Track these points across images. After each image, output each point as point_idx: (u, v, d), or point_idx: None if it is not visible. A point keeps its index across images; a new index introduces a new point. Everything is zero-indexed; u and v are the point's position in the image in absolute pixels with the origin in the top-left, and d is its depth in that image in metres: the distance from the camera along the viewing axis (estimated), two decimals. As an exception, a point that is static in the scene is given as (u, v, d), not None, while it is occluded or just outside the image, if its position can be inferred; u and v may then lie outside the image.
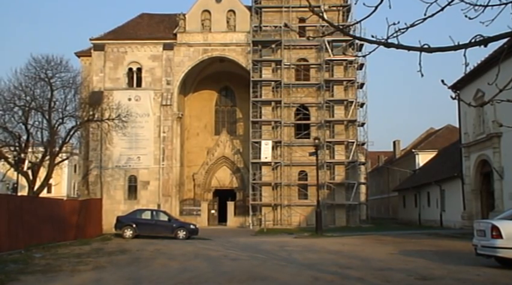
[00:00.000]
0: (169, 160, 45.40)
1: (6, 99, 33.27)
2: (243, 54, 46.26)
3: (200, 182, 50.25)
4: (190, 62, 46.60)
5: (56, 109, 34.23)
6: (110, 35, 47.38)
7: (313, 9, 5.98)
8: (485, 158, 29.04)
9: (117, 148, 44.49)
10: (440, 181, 39.98)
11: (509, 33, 4.61)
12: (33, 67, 34.22)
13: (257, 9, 46.43)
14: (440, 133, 56.96)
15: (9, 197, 24.88)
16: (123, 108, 39.28)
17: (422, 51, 4.78)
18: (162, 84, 46.08)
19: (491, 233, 13.27)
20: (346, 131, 44.92)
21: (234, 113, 52.77)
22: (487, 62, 25.61)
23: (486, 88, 23.80)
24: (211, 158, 50.51)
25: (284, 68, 45.08)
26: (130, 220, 30.39)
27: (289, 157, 44.75)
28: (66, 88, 35.04)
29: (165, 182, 45.13)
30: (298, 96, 45.37)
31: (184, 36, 46.74)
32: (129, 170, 45.36)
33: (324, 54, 44.74)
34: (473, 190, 31.44)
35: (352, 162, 44.19)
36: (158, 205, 43.54)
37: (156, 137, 45.46)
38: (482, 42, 4.58)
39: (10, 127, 33.56)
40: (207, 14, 47.27)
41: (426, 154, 53.82)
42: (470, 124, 31.27)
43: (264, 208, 43.88)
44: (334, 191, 44.02)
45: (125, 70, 46.45)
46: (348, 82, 45.05)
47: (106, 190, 44.66)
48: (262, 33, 45.87)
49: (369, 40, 5.08)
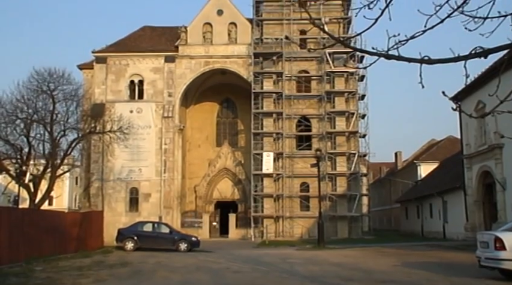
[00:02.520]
0: (170, 172, 45.36)
1: (8, 112, 33.34)
2: (245, 66, 46.39)
3: (202, 194, 50.17)
4: (192, 74, 46.74)
5: (57, 122, 34.29)
6: (112, 48, 47.59)
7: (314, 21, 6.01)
8: (488, 170, 28.96)
9: (119, 160, 44.48)
10: (443, 192, 39.86)
11: (509, 45, 4.62)
12: (35, 80, 34.32)
13: (258, 21, 46.65)
14: (442, 144, 56.91)
15: (11, 210, 24.85)
16: (124, 120, 39.31)
17: (422, 63, 4.79)
18: (164, 96, 46.17)
19: (494, 245, 13.20)
20: (348, 142, 44.90)
21: (235, 125, 52.81)
22: (488, 73, 25.64)
23: (487, 100, 23.81)
24: (213, 170, 50.46)
25: (285, 80, 45.19)
26: (131, 233, 30.30)
27: (290, 168, 44.70)
28: (68, 101, 35.11)
29: (166, 194, 45.05)
30: (299, 108, 45.42)
31: (186, 48, 46.93)
32: (130, 183, 45.30)
33: (325, 65, 44.85)
34: (476, 201, 31.32)
35: (354, 173, 44.12)
36: (160, 217, 43.40)
37: (158, 149, 45.46)
38: (482, 53, 4.59)
39: (12, 139, 33.60)
40: (208, 26, 47.49)
41: (428, 165, 53.72)
42: (471, 135, 31.23)
43: (266, 219, 43.74)
44: (336, 202, 43.90)
45: (126, 82, 46.58)
46: (349, 94, 45.11)
47: (107, 202, 44.58)
48: (263, 45, 46.03)
49: (369, 52, 5.10)
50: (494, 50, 4.61)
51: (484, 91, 26.53)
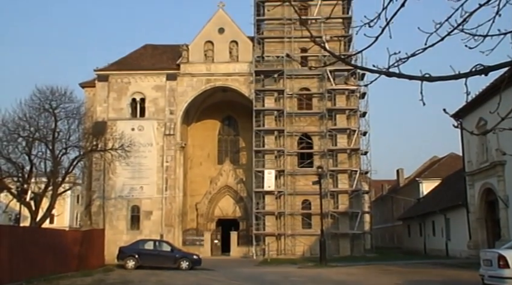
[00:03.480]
0: (172, 189, 45.29)
1: (10, 130, 33.40)
2: (246, 84, 46.56)
3: (203, 212, 50.01)
4: (193, 92, 46.92)
5: (59, 140, 34.31)
6: (114, 66, 47.86)
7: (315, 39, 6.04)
8: (490, 187, 28.86)
9: (120, 178, 44.45)
10: (445, 209, 39.69)
11: (509, 62, 4.64)
12: (37, 98, 34.44)
13: (259, 39, 46.94)
14: (444, 161, 56.81)
15: (11, 228, 24.77)
16: (126, 137, 39.33)
17: (423, 80, 4.81)
18: (165, 114, 46.30)
19: (498, 263, 13.11)
20: (349, 160, 44.85)
21: (237, 142, 52.83)
22: (489, 91, 25.69)
23: (488, 117, 23.82)
24: (214, 188, 50.38)
25: (286, 97, 45.31)
26: (132, 251, 30.16)
27: (292, 186, 44.59)
28: (70, 119, 35.17)
29: (168, 212, 44.93)
30: (300, 125, 45.47)
31: (188, 66, 47.18)
32: (131, 200, 45.21)
33: (326, 83, 44.99)
34: (479, 219, 31.16)
35: (356, 191, 44.00)
36: (161, 235, 43.23)
37: (159, 167, 45.44)
38: (482, 71, 4.60)
39: (14, 157, 33.61)
40: (209, 44, 47.78)
41: (430, 182, 53.56)
42: (473, 152, 31.19)
43: (268, 237, 43.53)
44: (338, 220, 43.71)
45: (128, 100, 46.74)
46: (350, 111, 45.19)
47: (108, 220, 44.44)
48: (264, 63, 46.25)
49: (370, 69, 5.12)
50: (494, 68, 4.63)
51: (485, 108, 26.57)
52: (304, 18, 40.93)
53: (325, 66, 41.36)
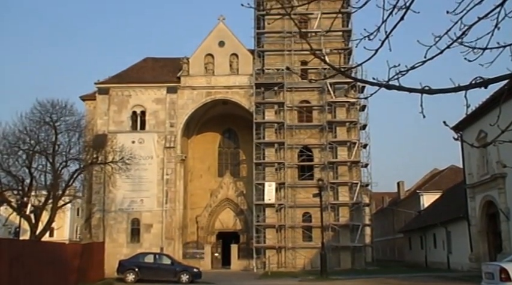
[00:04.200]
0: (172, 202, 45.20)
1: (10, 143, 33.44)
2: (246, 97, 46.66)
3: (203, 225, 49.84)
4: (194, 105, 47.02)
5: (59, 153, 34.34)
6: (115, 79, 47.99)
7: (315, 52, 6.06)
8: (491, 199, 28.79)
9: (120, 191, 44.38)
10: (446, 222, 39.56)
11: (509, 75, 4.65)
12: (38, 111, 34.54)
13: (260, 52, 47.12)
14: (445, 173, 56.74)
15: (11, 242, 24.68)
16: (126, 150, 39.35)
17: (423, 93, 4.81)
18: (166, 127, 46.34)
19: (500, 276, 13.05)
20: (350, 172, 44.79)
21: (237, 155, 52.81)
22: (488, 103, 25.74)
23: (488, 129, 23.82)
24: (215, 201, 50.26)
25: (287, 110, 45.37)
26: (132, 264, 30.05)
27: (293, 198, 44.49)
28: (71, 132, 35.24)
29: (168, 225, 44.79)
30: (301, 138, 45.48)
31: (188, 79, 47.32)
32: (132, 213, 45.09)
33: (326, 96, 45.08)
34: (480, 232, 31.04)
35: (357, 203, 43.89)
36: (161, 248, 43.07)
37: (160, 179, 45.38)
38: (482, 84, 4.61)
39: (14, 171, 33.62)
40: (210, 57, 47.97)
41: (431, 195, 53.46)
42: (474, 165, 31.15)
43: (268, 250, 43.34)
44: (339, 233, 43.54)
45: (128, 113, 46.81)
46: (351, 124, 45.23)
47: (108, 233, 44.28)
48: (264, 75, 46.38)
49: (370, 82, 5.13)
50: (494, 80, 4.64)
51: (485, 120, 26.59)
52: (304, 31, 41.13)
53: (325, 78, 41.44)
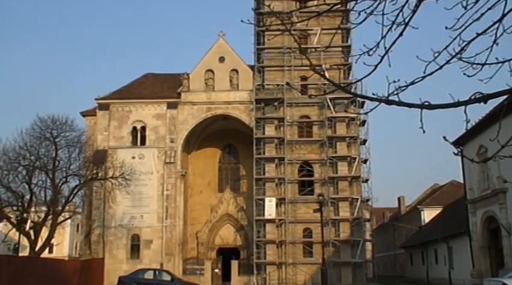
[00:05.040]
0: (172, 218, 45.06)
1: (11, 159, 33.48)
2: (246, 112, 46.76)
3: (203, 241, 49.61)
4: (194, 120, 47.10)
5: (60, 168, 34.39)
6: (115, 95, 48.14)
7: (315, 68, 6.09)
8: (492, 214, 28.69)
9: (120, 207, 44.27)
10: (447, 237, 39.38)
11: (508, 90, 4.66)
12: (38, 127, 34.67)
13: (259, 68, 47.31)
14: (445, 189, 56.60)
15: (10, 258, 24.57)
16: (126, 166, 39.37)
17: (423, 108, 4.82)
18: (166, 142, 46.38)
19: (501, 292, 12.95)
20: (350, 187, 44.71)
21: (237, 170, 52.75)
22: (488, 118, 25.77)
23: (489, 144, 23.84)
24: (215, 216, 50.09)
25: (287, 125, 45.43)
26: (132, 280, 29.89)
27: (293, 214, 44.36)
28: (71, 147, 35.35)
29: (168, 240, 44.61)
30: (301, 153, 45.47)
31: (188, 95, 47.45)
32: (132, 229, 44.94)
33: (326, 111, 45.17)
34: (481, 247, 30.87)
35: (357, 219, 43.74)
36: (161, 264, 42.85)
37: (160, 195, 45.30)
38: (481, 99, 4.63)
39: (14, 186, 33.61)
40: (210, 73, 48.17)
41: (432, 210, 53.28)
42: (474, 180, 31.10)
43: (269, 266, 43.11)
44: (340, 248, 43.33)
45: (129, 128, 46.88)
46: (351, 139, 45.25)
47: (108, 249, 44.08)
48: (265, 91, 46.52)
49: (370, 97, 5.14)
50: (493, 96, 4.65)
51: (485, 135, 26.59)
52: (304, 47, 41.38)
53: (325, 94, 41.60)
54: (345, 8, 5.40)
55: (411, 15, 4.79)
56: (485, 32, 4.78)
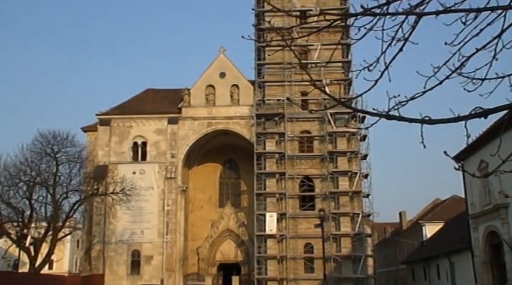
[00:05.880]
0: (173, 233, 44.88)
1: (11, 175, 33.48)
2: (247, 127, 46.82)
3: (204, 256, 49.35)
4: (195, 135, 47.14)
5: (60, 184, 34.38)
6: (116, 110, 48.26)
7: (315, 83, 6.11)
8: (494, 230, 28.54)
9: (121, 222, 44.14)
10: (449, 253, 39.13)
11: (508, 105, 4.67)
12: (39, 142, 34.74)
13: (260, 83, 47.46)
14: (447, 203, 56.42)
15: (10, 275, 24.43)
16: (127, 181, 39.33)
17: (423, 123, 4.83)
18: (167, 158, 46.38)
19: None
20: (351, 202, 44.58)
21: (238, 185, 52.66)
22: (489, 133, 25.74)
23: (490, 159, 23.80)
24: (216, 232, 49.88)
25: (288, 140, 45.44)
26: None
27: (294, 229, 44.18)
28: (72, 163, 35.41)
29: (168, 256, 44.39)
30: (302, 168, 45.42)
31: (189, 110, 47.55)
32: (132, 245, 44.75)
33: (327, 126, 45.20)
34: (484, 263, 30.66)
35: (359, 234, 43.55)
36: (162, 280, 42.60)
37: (160, 210, 45.18)
38: (482, 114, 4.63)
39: (14, 202, 33.55)
40: (211, 88, 48.34)
41: (433, 225, 53.03)
42: (476, 195, 30.99)
43: (270, 282, 42.84)
44: (341, 264, 43.08)
45: (130, 144, 46.92)
46: (352, 154, 45.22)
47: (109, 265, 43.85)
48: (265, 106, 46.62)
49: (370, 113, 5.15)
50: (493, 111, 4.66)
51: (486, 150, 26.53)
52: (304, 63, 41.57)
53: (326, 109, 41.66)
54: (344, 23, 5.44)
55: (411, 30, 4.81)
56: (484, 48, 4.80)
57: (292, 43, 5.54)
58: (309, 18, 48.52)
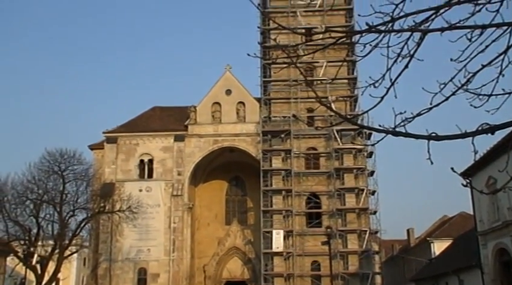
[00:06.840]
0: (179, 251, 44.70)
1: (19, 193, 33.58)
2: (253, 144, 46.82)
3: (211, 274, 49.03)
4: (201, 153, 47.18)
5: (67, 202, 34.42)
6: (123, 128, 48.44)
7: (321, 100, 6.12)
8: (504, 247, 28.24)
9: (127, 240, 44.02)
10: (458, 270, 38.68)
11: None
12: (47, 160, 34.87)
13: (266, 100, 47.57)
14: (454, 220, 55.95)
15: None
16: (134, 199, 39.33)
17: (430, 140, 4.81)
18: (173, 175, 46.38)
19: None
20: (359, 219, 44.31)
21: (244, 203, 52.50)
22: (496, 149, 25.58)
23: (498, 175, 23.65)
24: (222, 249, 49.62)
25: (294, 157, 45.38)
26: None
27: (301, 246, 43.90)
28: (79, 181, 35.49)
29: (175, 274, 44.15)
30: (308, 185, 45.28)
31: (195, 127, 47.66)
32: (138, 263, 44.57)
33: (333, 143, 45.13)
34: (494, 280, 30.28)
35: (366, 251, 43.21)
36: (168, 298, 42.31)
37: (167, 228, 45.05)
38: (489, 130, 4.61)
39: (21, 220, 33.59)
40: (217, 106, 48.48)
41: (442, 242, 52.50)
42: (484, 211, 30.73)
43: (277, 300, 42.45)
44: (349, 282, 42.68)
45: (136, 161, 47.00)
46: (358, 170, 45.07)
47: (115, 283, 43.65)
48: (271, 123, 46.67)
49: (376, 129, 5.14)
50: (500, 127, 4.64)
51: (494, 166, 26.37)
52: (310, 80, 41.66)
53: (332, 126, 41.68)
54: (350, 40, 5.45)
55: (416, 47, 4.82)
56: (490, 64, 4.80)
57: (297, 60, 5.57)
58: (314, 35, 48.69)
